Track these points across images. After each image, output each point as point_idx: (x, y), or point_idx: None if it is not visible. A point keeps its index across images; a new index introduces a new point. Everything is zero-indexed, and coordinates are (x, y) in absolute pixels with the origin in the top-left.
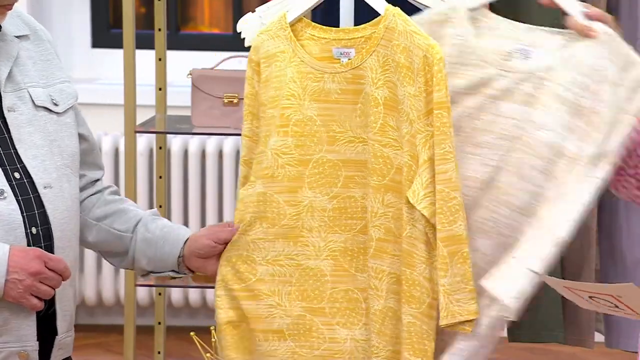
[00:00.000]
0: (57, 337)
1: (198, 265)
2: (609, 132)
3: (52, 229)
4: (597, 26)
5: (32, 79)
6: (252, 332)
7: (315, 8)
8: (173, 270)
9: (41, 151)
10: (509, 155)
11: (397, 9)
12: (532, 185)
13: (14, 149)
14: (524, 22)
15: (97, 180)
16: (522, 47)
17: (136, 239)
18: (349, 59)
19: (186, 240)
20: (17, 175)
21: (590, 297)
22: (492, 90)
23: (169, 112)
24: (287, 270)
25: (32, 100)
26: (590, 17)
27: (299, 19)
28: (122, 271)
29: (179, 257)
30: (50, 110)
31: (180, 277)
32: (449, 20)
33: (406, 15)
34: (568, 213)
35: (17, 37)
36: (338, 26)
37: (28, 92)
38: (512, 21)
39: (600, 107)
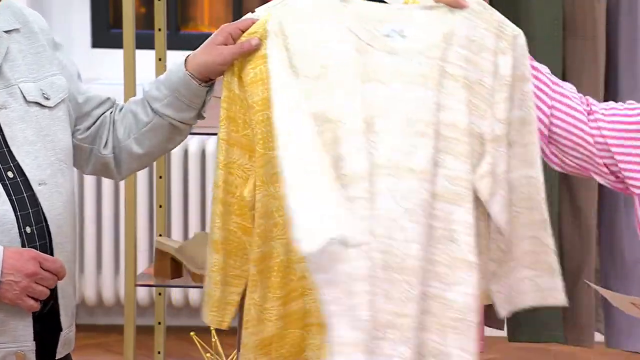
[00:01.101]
0: (61, 332)
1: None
2: (500, 100)
3: (49, 225)
4: None
5: (23, 73)
6: None
7: None
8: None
9: (34, 147)
10: (424, 139)
11: None
12: (459, 172)
13: (7, 147)
14: (524, 14)
15: (106, 99)
16: (399, 26)
17: (158, 108)
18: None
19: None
20: (10, 174)
21: None
22: (383, 74)
23: None
24: None
25: (24, 96)
26: None
27: None
28: (122, 271)
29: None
30: (41, 105)
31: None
32: (318, 11)
33: None
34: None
35: (6, 31)
36: None
37: (19, 87)
38: (377, 2)
39: (485, 78)
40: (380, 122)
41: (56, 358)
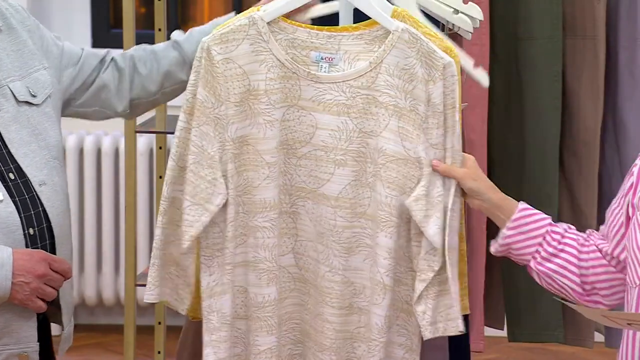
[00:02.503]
0: (63, 331)
1: None
2: (433, 126)
3: (52, 225)
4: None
5: (9, 72)
6: None
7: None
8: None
9: (30, 148)
10: (341, 166)
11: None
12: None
13: (6, 148)
14: (523, 14)
15: (102, 58)
16: (326, 55)
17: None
18: None
19: None
20: (11, 176)
21: (628, 323)
22: (306, 102)
23: (169, 112)
24: None
25: (14, 97)
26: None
27: None
28: (122, 271)
29: None
30: (30, 104)
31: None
32: (247, 38)
33: None
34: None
35: None
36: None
37: (9, 87)
38: (309, 29)
39: (418, 105)
40: (302, 148)
41: (56, 355)
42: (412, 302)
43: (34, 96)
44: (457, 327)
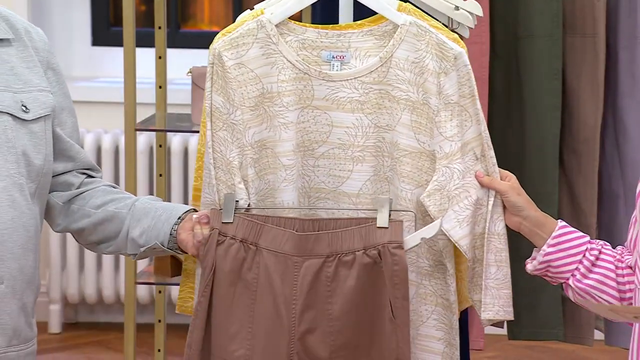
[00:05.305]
0: None
1: (183, 238)
2: (446, 119)
3: None
4: (403, 18)
5: (1, 82)
6: None
7: (314, 6)
8: (162, 244)
9: None
10: (360, 163)
11: None
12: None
13: None
14: (523, 12)
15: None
16: (337, 53)
17: (134, 210)
18: None
19: (187, 212)
20: None
21: (635, 316)
22: (320, 101)
23: (169, 110)
24: None
25: None
26: None
27: None
28: (122, 269)
29: (174, 224)
30: (15, 117)
31: (165, 252)
32: (256, 41)
33: None
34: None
35: None
36: (337, 23)
37: None
38: (318, 29)
39: (429, 98)
40: (319, 148)
41: None
42: (448, 295)
43: (25, 112)
44: (509, 312)
